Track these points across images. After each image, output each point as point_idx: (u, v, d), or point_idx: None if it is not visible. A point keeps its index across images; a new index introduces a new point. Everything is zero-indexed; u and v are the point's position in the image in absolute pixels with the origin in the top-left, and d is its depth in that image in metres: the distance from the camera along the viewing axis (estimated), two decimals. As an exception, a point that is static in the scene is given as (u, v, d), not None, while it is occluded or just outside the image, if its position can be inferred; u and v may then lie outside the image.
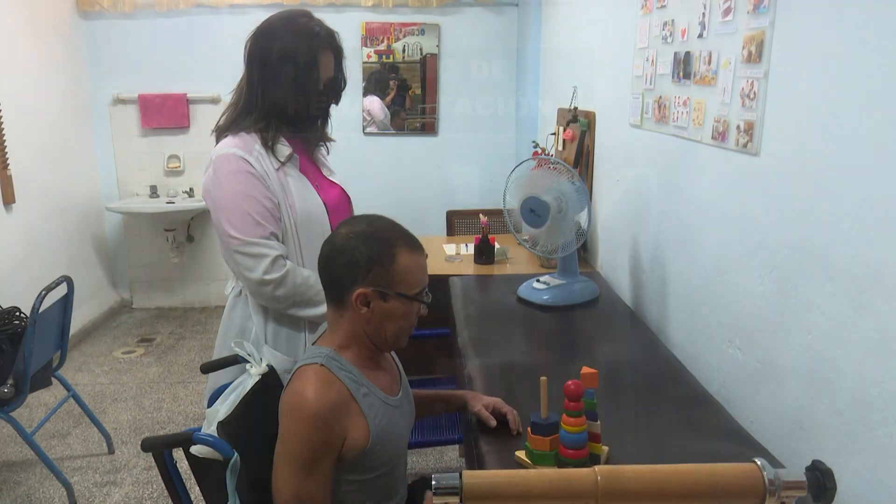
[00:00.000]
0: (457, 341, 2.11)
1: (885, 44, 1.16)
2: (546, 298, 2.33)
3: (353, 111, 4.75)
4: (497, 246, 3.07)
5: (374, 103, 4.82)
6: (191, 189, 4.79)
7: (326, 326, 1.46)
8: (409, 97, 4.82)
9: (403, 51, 4.73)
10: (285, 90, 1.72)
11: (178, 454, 1.43)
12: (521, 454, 1.39)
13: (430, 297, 1.40)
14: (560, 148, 3.42)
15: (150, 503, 2.72)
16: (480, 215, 3.15)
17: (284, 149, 1.76)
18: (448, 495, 0.80)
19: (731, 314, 1.70)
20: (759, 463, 0.78)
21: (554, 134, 3.55)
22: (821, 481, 0.76)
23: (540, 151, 3.22)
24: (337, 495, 1.34)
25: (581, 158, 3.04)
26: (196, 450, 1.38)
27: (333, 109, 1.87)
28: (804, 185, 1.39)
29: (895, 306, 1.15)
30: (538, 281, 2.41)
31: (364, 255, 1.33)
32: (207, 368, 1.69)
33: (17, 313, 2.79)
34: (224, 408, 1.46)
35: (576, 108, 3.13)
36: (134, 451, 3.10)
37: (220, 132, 1.77)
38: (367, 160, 4.84)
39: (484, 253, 3.01)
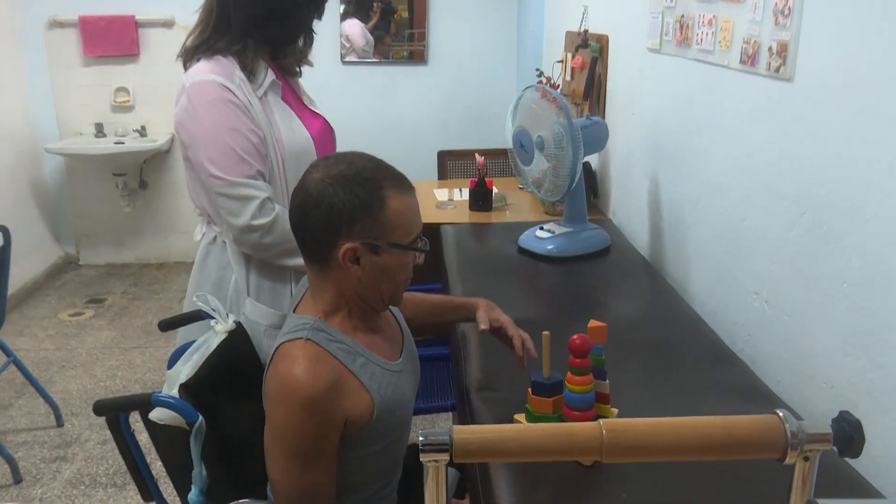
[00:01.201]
0: (449, 296, 2.14)
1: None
2: (550, 248, 2.36)
3: (329, 37, 4.70)
4: (495, 190, 3.08)
5: (355, 28, 4.76)
6: (142, 127, 4.76)
7: (306, 289, 1.44)
8: (395, 21, 4.77)
9: (387, -35, 4.66)
10: (261, 3, 1.71)
11: (136, 426, 1.46)
12: (520, 418, 1.43)
13: (427, 242, 1.38)
14: (568, 77, 3.41)
15: (105, 480, 2.78)
16: (476, 155, 3.15)
17: (265, 74, 1.76)
18: (437, 452, 0.83)
19: (758, 263, 1.72)
20: (780, 414, 0.81)
21: (561, 61, 3.54)
22: (848, 433, 0.79)
23: (545, 81, 3.21)
24: (339, 475, 1.34)
25: (592, 89, 3.03)
26: (156, 415, 1.41)
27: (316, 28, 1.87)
28: (842, 115, 1.40)
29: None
30: (542, 229, 2.43)
31: (347, 202, 1.27)
32: (167, 325, 1.71)
33: (-53, 268, 2.80)
34: (187, 368, 1.49)
35: (586, 32, 3.12)
36: (86, 424, 3.15)
37: (188, 55, 1.76)
38: (346, 93, 4.81)
39: (480, 198, 3.02)
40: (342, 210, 1.27)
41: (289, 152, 1.75)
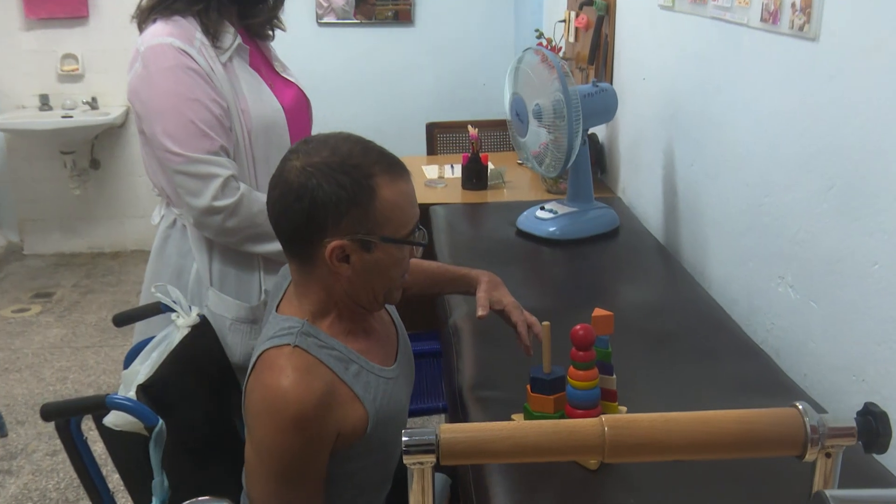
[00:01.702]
0: (439, 285, 2.15)
1: None
2: (552, 230, 2.37)
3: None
4: (491, 166, 3.08)
5: (331, -16, 4.75)
6: (93, 99, 4.75)
7: (288, 283, 1.43)
8: (377, -25, 4.76)
9: (367, -87, 4.65)
10: None
11: (90, 434, 1.46)
12: (517, 418, 1.44)
13: (425, 233, 1.37)
14: (571, 39, 3.41)
15: (55, 495, 2.79)
16: (469, 127, 3.15)
17: (231, 37, 1.76)
18: (422, 454, 0.84)
19: (781, 244, 1.74)
20: (800, 407, 0.83)
21: (563, 21, 3.53)
22: (873, 427, 0.81)
23: (545, 44, 3.21)
24: (325, 491, 1.34)
25: (598, 52, 3.03)
26: (111, 420, 1.42)
27: None
28: (871, 78, 1.41)
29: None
30: (543, 209, 2.44)
31: (332, 194, 1.24)
32: (123, 320, 1.72)
33: None
34: (145, 367, 1.50)
35: (591, -14, 3.12)
36: (33, 433, 3.16)
37: (144, 16, 1.75)
38: (322, 59, 4.79)
39: (474, 175, 3.03)
40: (327, 203, 1.25)
41: (256, 125, 1.76)
